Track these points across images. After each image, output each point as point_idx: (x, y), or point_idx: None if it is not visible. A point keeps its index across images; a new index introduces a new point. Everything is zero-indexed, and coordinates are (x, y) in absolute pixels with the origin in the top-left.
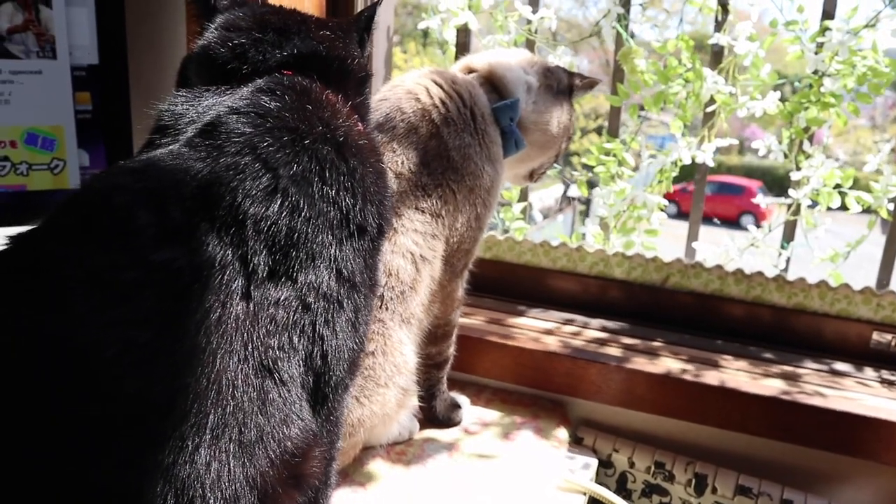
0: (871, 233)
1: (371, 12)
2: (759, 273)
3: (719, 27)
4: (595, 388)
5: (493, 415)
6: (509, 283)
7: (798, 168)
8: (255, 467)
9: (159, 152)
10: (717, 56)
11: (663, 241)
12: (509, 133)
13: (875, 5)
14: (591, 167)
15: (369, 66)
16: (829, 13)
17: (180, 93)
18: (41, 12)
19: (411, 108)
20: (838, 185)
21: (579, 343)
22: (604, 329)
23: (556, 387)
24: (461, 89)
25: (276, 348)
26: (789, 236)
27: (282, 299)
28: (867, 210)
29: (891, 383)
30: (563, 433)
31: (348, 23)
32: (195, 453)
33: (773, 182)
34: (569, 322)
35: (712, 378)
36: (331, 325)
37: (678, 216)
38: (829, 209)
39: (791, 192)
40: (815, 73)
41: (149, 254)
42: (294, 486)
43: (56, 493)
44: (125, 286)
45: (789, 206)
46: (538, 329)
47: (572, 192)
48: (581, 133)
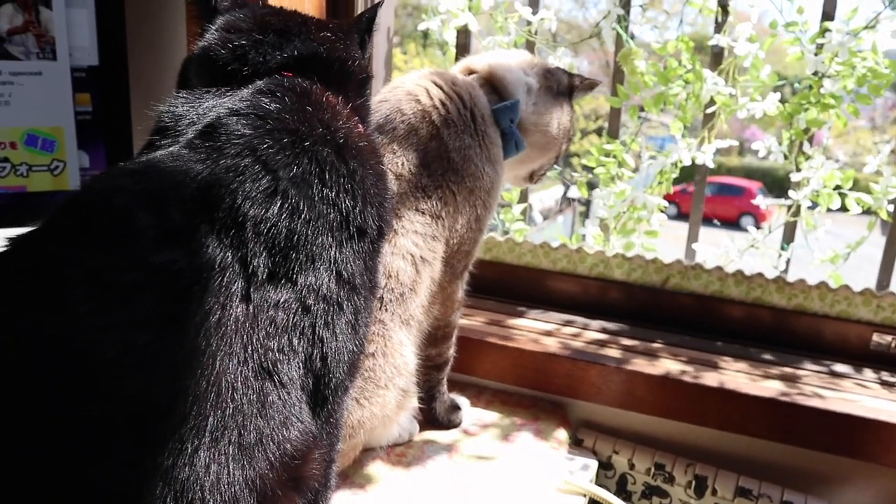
0: (871, 234)
1: (372, 13)
2: (760, 274)
3: (719, 28)
4: (595, 389)
5: (493, 416)
6: (509, 285)
7: (798, 169)
8: (254, 469)
9: (159, 154)
10: (717, 57)
11: (663, 243)
12: (509, 134)
13: (875, 6)
14: (591, 168)
15: (370, 68)
16: (828, 14)
17: (180, 94)
18: (41, 13)
19: (411, 110)
20: (838, 187)
21: (579, 344)
22: (604, 330)
23: (556, 388)
24: (461, 91)
25: (275, 350)
26: (789, 238)
27: (281, 301)
28: (867, 211)
29: (891, 385)
30: (562, 435)
31: (349, 24)
32: (195, 455)
33: (773, 183)
34: (569, 323)
35: (712, 379)
36: (330, 327)
37: (678, 217)
38: (829, 210)
39: (791, 193)
40: (815, 74)
41: (149, 255)
42: (294, 489)
43: (56, 492)
44: (125, 287)
45: (789, 207)
46: (538, 330)
47: (572, 194)
48: (581, 134)
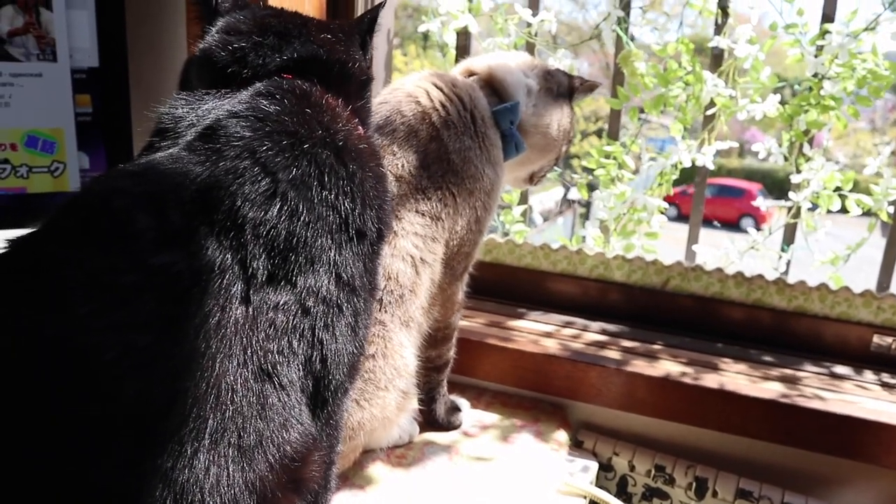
0: (872, 236)
1: (374, 14)
2: (760, 276)
3: (719, 30)
4: (595, 391)
5: (493, 418)
6: (509, 286)
7: (798, 171)
8: (254, 472)
9: (159, 155)
10: (717, 59)
11: (663, 244)
12: (509, 136)
13: (875, 8)
14: (591, 170)
15: (371, 70)
16: (828, 16)
17: (180, 96)
18: (42, 15)
19: (411, 111)
20: (838, 188)
21: (579, 346)
22: (604, 332)
23: (556, 390)
24: (461, 92)
25: (275, 352)
26: (789, 239)
27: (281, 303)
28: (867, 213)
29: (891, 387)
30: (563, 436)
31: (350, 25)
32: (194, 457)
33: (773, 185)
34: (569, 325)
35: (712, 381)
36: (330, 329)
37: (678, 219)
38: (830, 212)
39: (791, 194)
40: (815, 76)
41: (148, 257)
42: (293, 491)
43: (56, 492)
44: (125, 289)
45: (789, 208)
46: (538, 332)
47: (572, 195)
48: (581, 136)
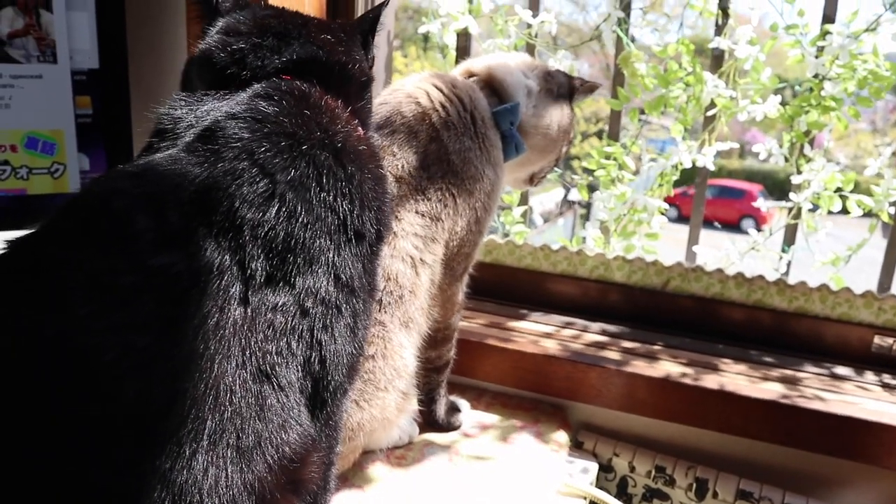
0: (872, 236)
1: (376, 13)
2: (760, 277)
3: (720, 31)
4: (595, 391)
5: (493, 418)
6: (509, 287)
7: (799, 172)
8: (253, 473)
9: (158, 156)
10: (717, 60)
11: (664, 245)
12: (510, 137)
13: (875, 9)
14: (591, 171)
15: (371, 70)
16: (829, 17)
17: (180, 96)
18: (42, 17)
19: (411, 112)
20: (839, 189)
21: (579, 347)
22: (604, 333)
23: (556, 391)
24: (461, 93)
25: (274, 353)
26: (790, 240)
27: (280, 304)
28: (868, 214)
29: (892, 387)
30: (563, 437)
31: (352, 25)
32: (193, 459)
33: (773, 186)
34: (569, 326)
35: (713, 382)
36: (329, 330)
37: (679, 220)
38: (830, 213)
39: (792, 195)
40: (816, 76)
41: (147, 258)
42: (292, 492)
43: (56, 492)
44: (124, 290)
45: (790, 209)
46: (538, 333)
47: (573, 196)
48: (581, 137)
